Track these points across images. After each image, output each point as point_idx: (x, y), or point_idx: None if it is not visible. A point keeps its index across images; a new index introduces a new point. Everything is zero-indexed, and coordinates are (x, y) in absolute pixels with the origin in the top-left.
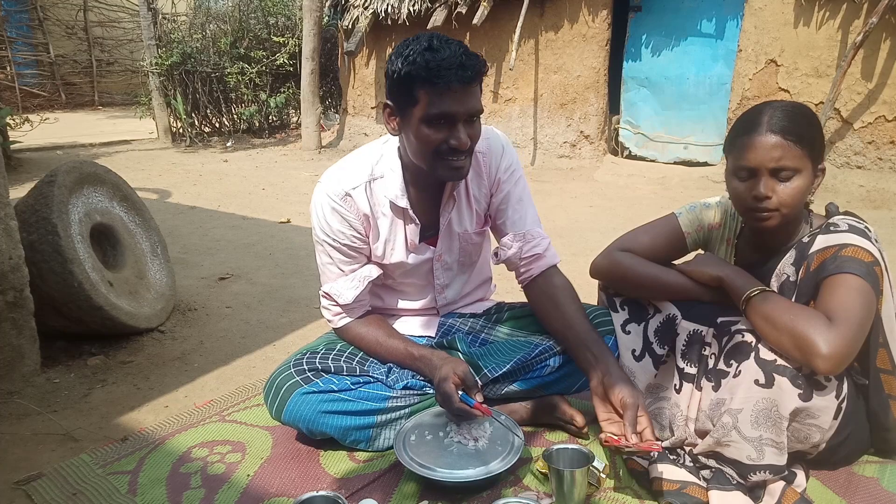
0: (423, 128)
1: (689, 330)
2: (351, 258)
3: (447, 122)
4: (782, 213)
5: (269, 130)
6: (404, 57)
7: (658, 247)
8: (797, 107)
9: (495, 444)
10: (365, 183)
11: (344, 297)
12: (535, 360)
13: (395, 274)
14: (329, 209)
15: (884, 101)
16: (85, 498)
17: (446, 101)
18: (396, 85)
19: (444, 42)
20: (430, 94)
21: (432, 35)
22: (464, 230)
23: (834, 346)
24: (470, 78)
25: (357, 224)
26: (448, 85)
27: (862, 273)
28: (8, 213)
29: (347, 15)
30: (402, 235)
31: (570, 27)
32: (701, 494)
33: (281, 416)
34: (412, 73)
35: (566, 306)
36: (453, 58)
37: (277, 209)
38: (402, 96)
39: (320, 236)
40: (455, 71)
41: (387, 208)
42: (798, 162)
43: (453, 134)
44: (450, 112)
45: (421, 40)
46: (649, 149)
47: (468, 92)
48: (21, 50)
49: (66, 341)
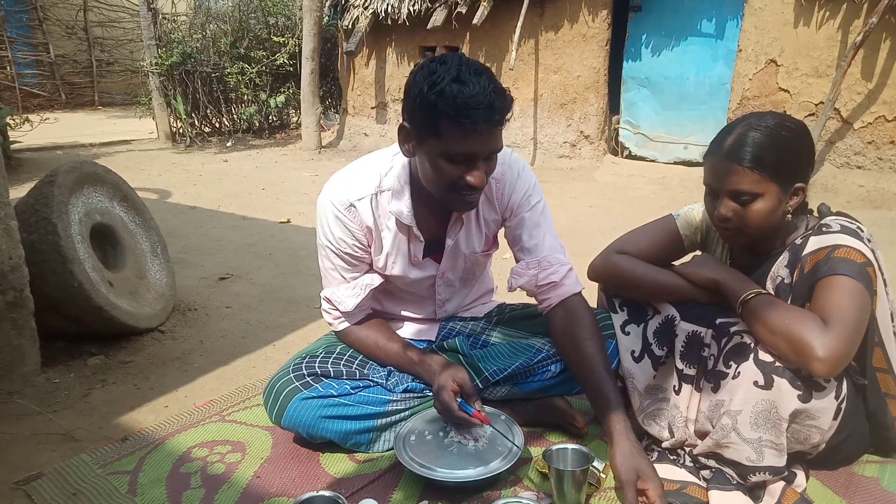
0: (442, 161)
1: (688, 331)
2: (352, 266)
3: (467, 159)
4: (746, 232)
5: (269, 130)
6: (430, 83)
7: (656, 248)
8: (771, 129)
9: (495, 444)
10: (371, 195)
11: (345, 304)
12: (536, 366)
13: (397, 283)
14: (332, 217)
15: (884, 101)
16: (85, 498)
17: (471, 141)
18: (419, 111)
19: (475, 74)
20: (455, 130)
21: (461, 61)
22: (471, 251)
23: (830, 349)
24: (498, 122)
25: (360, 235)
26: (475, 126)
27: (854, 274)
28: (8, 213)
29: (347, 15)
30: (406, 250)
31: (570, 27)
32: (701, 494)
33: (281, 421)
34: (438, 106)
35: (584, 348)
36: (483, 96)
37: (277, 209)
38: (424, 124)
39: (323, 241)
40: (483, 111)
41: (392, 222)
42: (756, 186)
43: (471, 171)
44: (473, 153)
45: (450, 67)
46: (649, 149)
47: (494, 133)
48: (21, 50)
49: (66, 341)
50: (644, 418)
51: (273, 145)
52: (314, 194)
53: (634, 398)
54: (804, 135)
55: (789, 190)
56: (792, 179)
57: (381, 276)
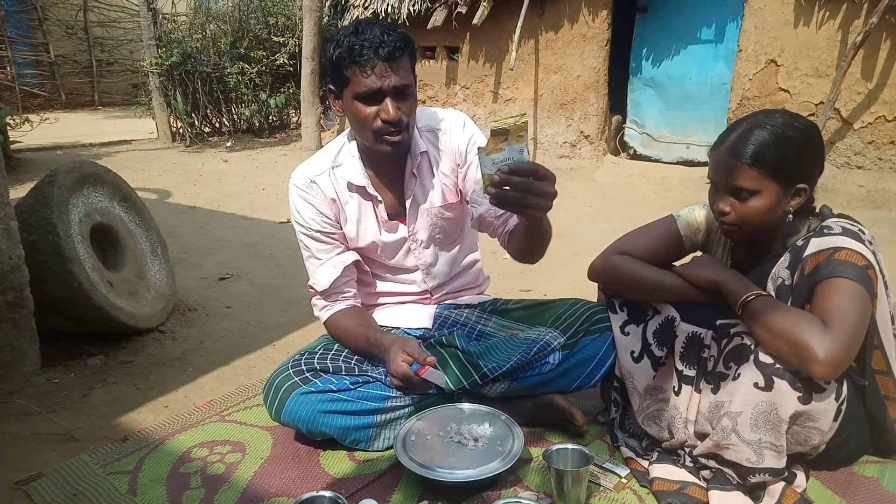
0: (358, 106)
1: (688, 332)
2: (327, 245)
3: (375, 97)
4: (743, 228)
5: (269, 130)
6: (336, 42)
7: (656, 249)
8: (776, 128)
9: (495, 444)
10: (328, 170)
11: (320, 283)
12: (534, 358)
13: (375, 256)
14: (298, 198)
15: (884, 101)
16: (85, 498)
17: (371, 77)
18: (331, 68)
19: (368, 24)
20: (356, 72)
21: (361, 20)
22: (431, 205)
23: (830, 351)
24: (389, 53)
25: (325, 208)
26: (370, 62)
27: (855, 277)
28: (8, 213)
29: (347, 15)
30: (372, 215)
31: (570, 27)
32: (701, 495)
33: (280, 416)
34: (341, 55)
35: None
36: (374, 37)
37: (277, 209)
38: (337, 78)
39: (297, 228)
40: (374, 47)
41: (353, 192)
42: (754, 183)
43: (383, 108)
44: (374, 87)
45: (349, 26)
46: (654, 148)
47: (393, 67)
48: (21, 50)
49: (66, 341)
50: (644, 419)
51: (273, 145)
52: None
53: (634, 399)
54: (812, 136)
55: (790, 190)
56: (793, 180)
57: (357, 251)
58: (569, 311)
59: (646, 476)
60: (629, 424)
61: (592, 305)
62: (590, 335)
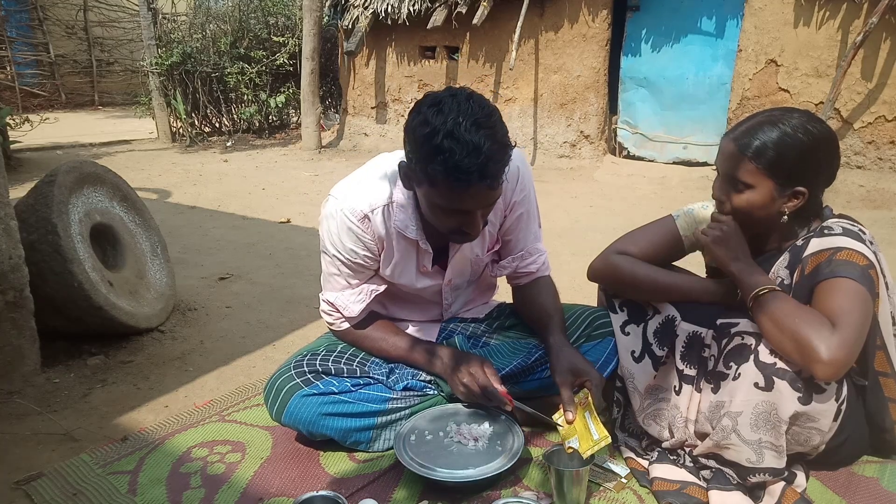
0: (438, 211)
1: (689, 331)
2: (358, 273)
3: (462, 212)
4: (735, 219)
5: (269, 130)
6: (425, 136)
7: (655, 249)
8: (787, 127)
9: (495, 444)
10: (384, 206)
11: (350, 310)
12: (534, 364)
13: (402, 289)
14: (344, 228)
15: (884, 101)
16: (85, 498)
17: (465, 200)
18: (415, 159)
19: (473, 127)
20: (451, 188)
21: (460, 109)
22: (475, 256)
23: (835, 352)
24: (491, 185)
25: (372, 245)
26: (471, 185)
27: (857, 277)
28: (8, 213)
29: (347, 15)
30: (414, 261)
31: (570, 27)
32: (701, 495)
33: (281, 418)
34: (432, 160)
35: (541, 301)
36: (477, 157)
37: (277, 209)
38: (421, 172)
39: (329, 250)
40: (476, 175)
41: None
42: (750, 177)
43: (468, 222)
44: (467, 209)
45: (447, 118)
46: (648, 149)
47: (493, 186)
48: (21, 50)
49: (66, 341)
50: (644, 418)
51: (273, 145)
52: (314, 194)
53: (634, 398)
54: (822, 142)
55: (787, 191)
56: (792, 181)
57: (386, 282)
58: (570, 317)
59: (646, 476)
60: (629, 424)
61: (594, 311)
62: (591, 341)
